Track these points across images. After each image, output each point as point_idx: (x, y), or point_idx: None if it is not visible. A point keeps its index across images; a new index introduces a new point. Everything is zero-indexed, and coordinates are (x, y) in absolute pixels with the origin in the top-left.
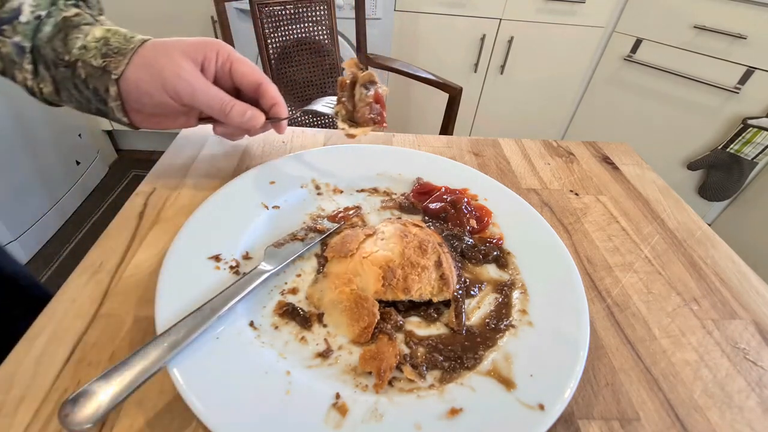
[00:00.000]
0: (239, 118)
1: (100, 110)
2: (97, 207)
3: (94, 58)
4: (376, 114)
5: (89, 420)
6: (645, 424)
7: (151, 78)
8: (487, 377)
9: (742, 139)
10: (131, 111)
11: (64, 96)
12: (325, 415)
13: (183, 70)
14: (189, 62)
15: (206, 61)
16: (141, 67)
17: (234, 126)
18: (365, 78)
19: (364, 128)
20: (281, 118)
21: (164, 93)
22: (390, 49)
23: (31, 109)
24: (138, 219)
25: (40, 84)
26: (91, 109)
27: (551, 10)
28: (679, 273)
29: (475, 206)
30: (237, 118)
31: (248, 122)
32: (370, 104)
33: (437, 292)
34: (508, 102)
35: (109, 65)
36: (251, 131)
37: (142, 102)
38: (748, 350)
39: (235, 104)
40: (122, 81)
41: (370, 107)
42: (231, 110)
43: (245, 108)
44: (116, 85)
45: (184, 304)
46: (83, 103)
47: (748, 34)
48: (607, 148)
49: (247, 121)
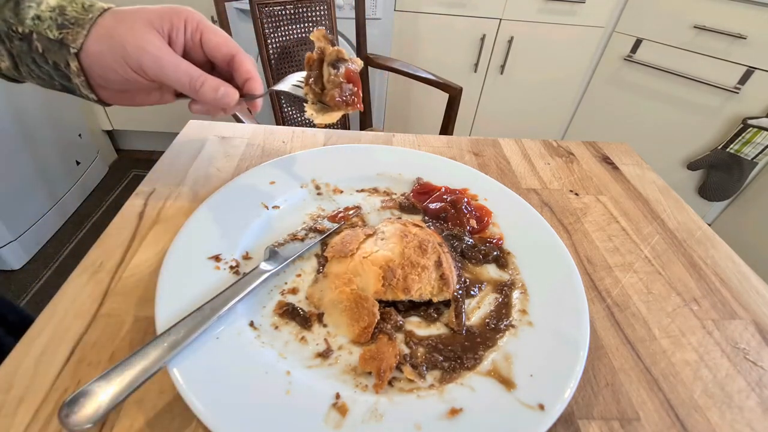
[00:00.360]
0: (211, 95)
1: (64, 87)
2: (97, 207)
3: (50, 30)
4: (347, 95)
5: (89, 420)
6: (645, 424)
7: (112, 51)
8: (487, 377)
9: (742, 139)
10: (97, 87)
11: (24, 71)
12: (325, 415)
13: (147, 42)
14: (154, 33)
15: (174, 31)
16: (101, 40)
17: (206, 103)
18: (332, 55)
19: (332, 113)
20: (255, 95)
21: (128, 68)
22: (390, 49)
23: (31, 109)
24: (138, 219)
25: None
26: (55, 86)
27: (551, 10)
28: (679, 273)
29: (475, 206)
30: (209, 95)
31: (221, 100)
32: (340, 85)
33: (437, 292)
34: (508, 102)
35: (66, 38)
36: (226, 109)
37: (107, 78)
38: (748, 350)
39: (207, 80)
40: (82, 55)
41: (341, 88)
42: (202, 86)
43: (218, 84)
44: (76, 60)
45: (184, 304)
46: (46, 79)
47: (748, 34)
48: (607, 148)
49: (220, 99)
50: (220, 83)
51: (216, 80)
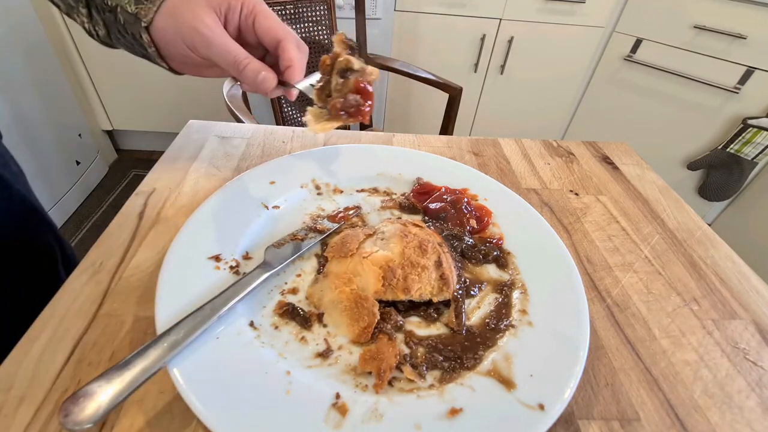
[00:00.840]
0: (252, 78)
1: (144, 55)
2: (97, 207)
3: (129, 5)
4: (350, 107)
5: (89, 420)
6: (645, 424)
7: (173, 28)
8: (487, 377)
9: (742, 139)
10: (167, 58)
11: (114, 39)
12: (325, 415)
13: (201, 22)
14: (210, 13)
15: (230, 12)
16: (167, 17)
17: (249, 85)
18: (341, 64)
19: (330, 122)
20: (289, 84)
21: (183, 45)
22: (390, 49)
23: (31, 109)
24: (138, 219)
25: (95, 27)
26: (137, 53)
27: (551, 10)
28: (679, 273)
29: (475, 206)
30: (250, 77)
31: (261, 84)
32: (346, 95)
33: (437, 292)
34: (508, 102)
35: (140, 12)
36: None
37: (170, 51)
38: (748, 350)
39: (250, 62)
40: (152, 29)
41: (345, 99)
42: (245, 68)
43: (259, 68)
44: (147, 33)
45: (184, 304)
46: (130, 46)
47: (748, 34)
48: (607, 148)
49: (260, 83)
50: (261, 68)
51: (259, 64)
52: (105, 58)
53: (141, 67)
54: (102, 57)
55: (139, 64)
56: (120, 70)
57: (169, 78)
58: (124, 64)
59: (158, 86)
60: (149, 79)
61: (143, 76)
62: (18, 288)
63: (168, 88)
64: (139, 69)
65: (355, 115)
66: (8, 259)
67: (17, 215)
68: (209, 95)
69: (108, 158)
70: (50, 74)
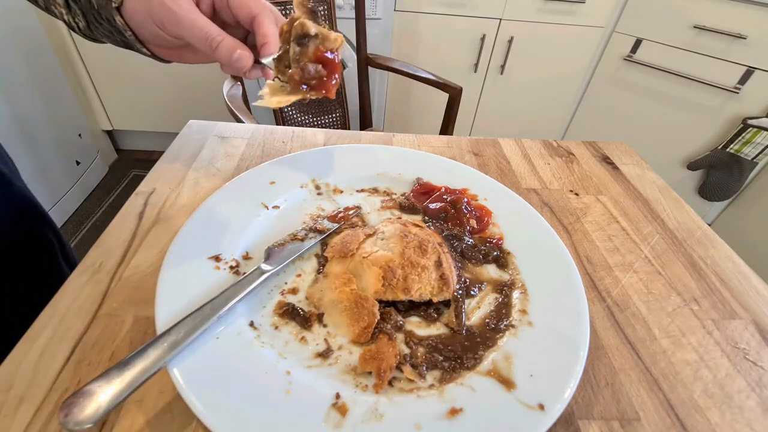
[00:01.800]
0: (227, 56)
1: (125, 42)
2: (97, 207)
3: None
4: (311, 78)
5: (89, 420)
6: (645, 424)
7: (143, 7)
8: (487, 377)
9: (742, 139)
10: (146, 43)
11: (94, 29)
12: (325, 415)
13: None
14: None
15: None
16: None
17: (223, 65)
18: (297, 29)
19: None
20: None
21: (153, 24)
22: (390, 49)
23: (31, 109)
24: (138, 219)
25: (75, 18)
26: (119, 42)
27: (551, 10)
28: (679, 273)
29: (475, 206)
30: (224, 56)
31: (236, 63)
32: (304, 67)
33: (437, 292)
34: (508, 102)
35: None
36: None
37: (143, 33)
38: (748, 350)
39: (224, 40)
40: (123, 10)
41: (303, 69)
42: (218, 46)
43: (234, 46)
44: (120, 15)
45: (184, 304)
46: (110, 35)
47: (748, 34)
48: (607, 148)
49: (234, 62)
50: (236, 45)
51: (233, 42)
52: (105, 58)
53: (141, 67)
54: (102, 57)
55: (139, 64)
56: (120, 70)
57: (169, 78)
58: (124, 64)
59: (158, 86)
60: (149, 79)
61: (143, 76)
62: (19, 284)
63: (168, 88)
64: (139, 69)
65: (317, 88)
66: (10, 254)
67: (19, 211)
68: (209, 95)
69: (108, 158)
70: (50, 74)
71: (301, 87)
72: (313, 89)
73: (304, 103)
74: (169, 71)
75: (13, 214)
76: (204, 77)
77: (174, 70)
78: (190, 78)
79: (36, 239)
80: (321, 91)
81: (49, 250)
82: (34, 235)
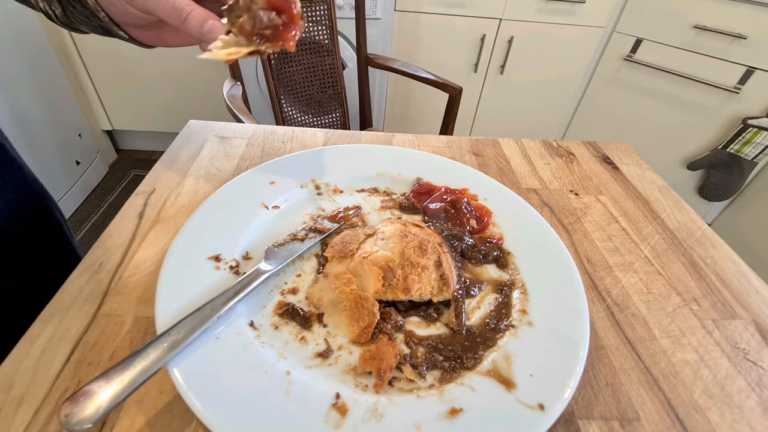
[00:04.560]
0: (197, 28)
1: (102, 28)
2: (97, 207)
3: None
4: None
5: (89, 420)
6: (645, 424)
7: None
8: (487, 377)
9: (742, 139)
10: (122, 25)
11: (70, 15)
12: (325, 415)
13: None
14: None
15: None
16: None
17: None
18: None
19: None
20: None
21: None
22: (390, 49)
23: (31, 109)
24: (138, 219)
25: (51, 6)
26: (97, 29)
27: (551, 10)
28: (679, 273)
29: (475, 206)
30: (195, 27)
31: (207, 35)
32: (254, 15)
33: (437, 292)
34: (508, 102)
35: None
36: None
37: (116, 13)
38: (748, 350)
39: (193, 10)
40: None
41: (254, 19)
42: (187, 17)
43: (205, 16)
44: None
45: (184, 304)
46: (86, 21)
47: (748, 34)
48: (607, 148)
49: (206, 34)
50: (207, 15)
51: (204, 12)
52: (105, 58)
53: (141, 67)
54: (102, 57)
55: (139, 65)
56: (120, 70)
57: (169, 78)
58: (124, 64)
59: (158, 86)
60: (149, 79)
61: (143, 76)
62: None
63: (168, 88)
64: (139, 69)
65: (273, 39)
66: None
67: (31, 192)
68: (209, 95)
69: (108, 158)
70: (50, 74)
71: (254, 39)
72: (269, 40)
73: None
74: (169, 71)
75: (27, 194)
76: (204, 77)
77: (174, 70)
78: (190, 78)
79: (47, 216)
80: (278, 42)
81: (59, 226)
82: (45, 212)
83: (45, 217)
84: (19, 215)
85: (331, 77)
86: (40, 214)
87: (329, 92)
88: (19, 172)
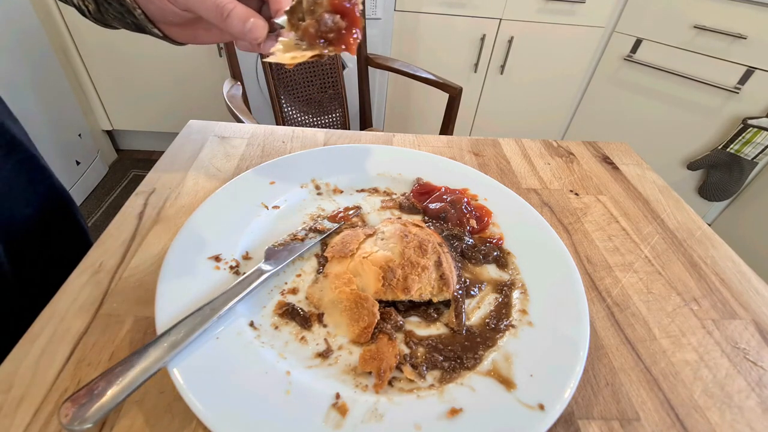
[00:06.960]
0: (239, 26)
1: (136, 25)
2: (97, 207)
3: None
4: (328, 31)
5: (89, 420)
6: (645, 424)
7: None
8: (487, 377)
9: (742, 139)
10: (158, 23)
11: (104, 11)
12: (325, 415)
13: None
14: None
15: None
16: None
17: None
18: None
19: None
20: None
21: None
22: (390, 49)
23: (31, 109)
24: (138, 219)
25: (85, 1)
26: (130, 25)
27: (551, 10)
28: (679, 273)
29: (475, 206)
30: (236, 26)
31: (249, 33)
32: (319, 18)
33: (437, 292)
34: (508, 102)
35: None
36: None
37: (151, 9)
38: (748, 350)
39: (236, 7)
40: None
41: (319, 21)
42: (229, 14)
43: (247, 14)
44: None
45: (184, 304)
46: (120, 17)
47: (748, 34)
48: (607, 148)
49: (248, 32)
50: (249, 14)
51: (246, 10)
52: (105, 58)
53: (141, 67)
54: (102, 57)
55: (139, 65)
56: (120, 70)
57: (169, 78)
58: (124, 64)
59: (158, 86)
60: (149, 79)
61: (143, 76)
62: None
63: (168, 88)
64: (139, 69)
65: (336, 42)
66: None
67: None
68: (209, 95)
69: (108, 158)
70: (50, 74)
71: (318, 41)
72: (332, 44)
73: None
74: (169, 71)
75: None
76: (204, 77)
77: (174, 70)
78: (190, 78)
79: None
80: (340, 46)
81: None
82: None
83: (71, 224)
84: (49, 222)
85: (331, 77)
86: (68, 220)
87: (329, 92)
88: (49, 180)
